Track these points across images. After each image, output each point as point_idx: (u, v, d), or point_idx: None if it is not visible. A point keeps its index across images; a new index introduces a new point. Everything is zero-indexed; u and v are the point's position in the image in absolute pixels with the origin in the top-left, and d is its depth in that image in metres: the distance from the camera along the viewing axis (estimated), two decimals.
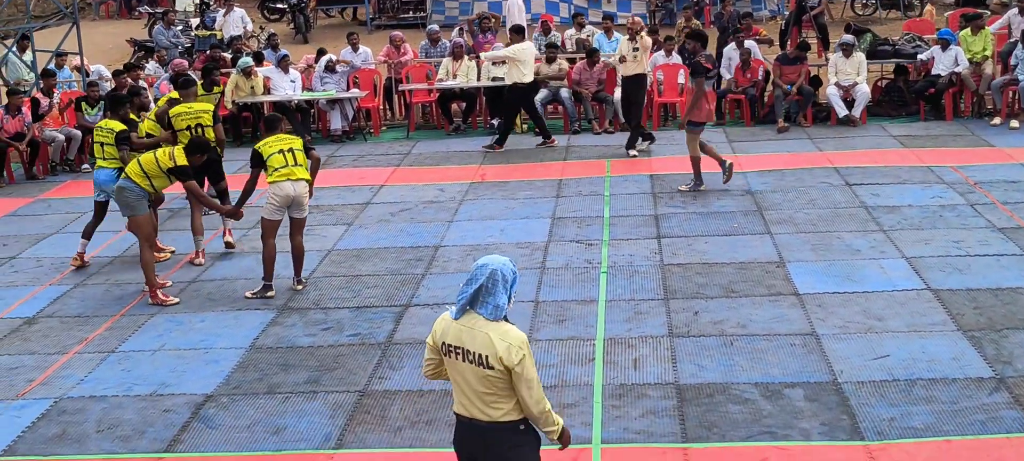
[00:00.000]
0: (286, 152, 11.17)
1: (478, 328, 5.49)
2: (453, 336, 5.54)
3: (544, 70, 19.52)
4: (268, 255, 11.28)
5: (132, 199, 11.35)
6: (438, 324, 5.66)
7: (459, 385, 5.59)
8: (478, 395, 5.53)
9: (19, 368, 9.85)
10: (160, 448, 8.16)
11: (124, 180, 11.47)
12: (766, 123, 18.94)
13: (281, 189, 11.06)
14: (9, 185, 17.42)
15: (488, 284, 5.50)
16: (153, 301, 11.27)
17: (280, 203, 11.12)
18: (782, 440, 7.78)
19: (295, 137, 11.59)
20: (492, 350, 5.45)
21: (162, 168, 11.40)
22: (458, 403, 5.65)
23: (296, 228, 11.35)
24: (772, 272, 11.31)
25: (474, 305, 5.53)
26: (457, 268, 11.94)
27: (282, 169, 11.09)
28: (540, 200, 14.61)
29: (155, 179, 11.45)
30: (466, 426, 5.64)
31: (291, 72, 19.87)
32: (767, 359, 9.14)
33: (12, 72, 20.67)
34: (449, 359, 5.59)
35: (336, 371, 9.39)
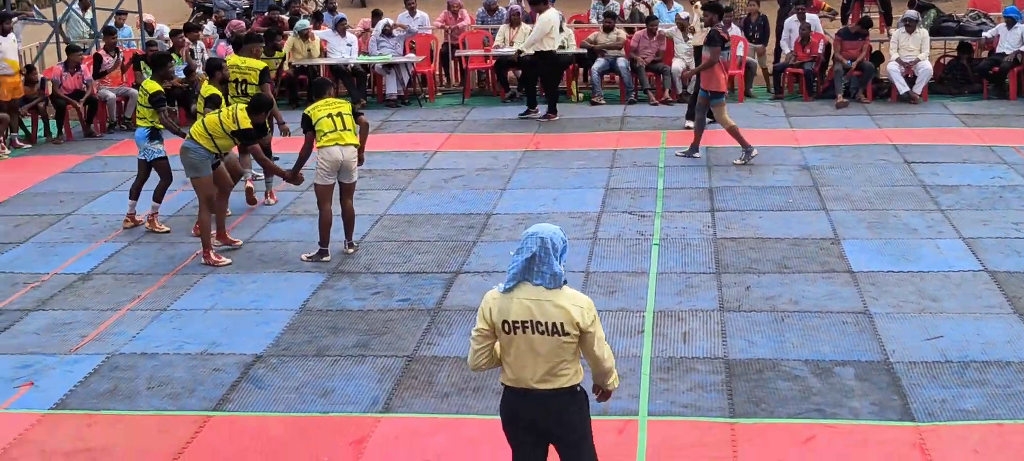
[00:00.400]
0: (335, 116, 11.13)
1: (544, 298, 5.48)
2: (517, 312, 5.50)
3: (601, 39, 19.44)
4: (324, 220, 11.29)
5: (196, 160, 11.37)
6: (489, 305, 5.58)
7: (522, 358, 5.55)
8: (546, 365, 5.53)
9: (73, 323, 9.95)
10: (209, 406, 8.21)
11: (188, 141, 11.48)
12: (825, 98, 18.75)
13: (330, 154, 11.06)
14: (67, 142, 17.58)
15: (541, 253, 5.49)
16: (206, 261, 11.32)
17: (330, 168, 11.11)
18: (830, 418, 7.71)
19: (344, 101, 11.55)
20: (567, 317, 5.48)
21: (226, 129, 11.38)
22: (514, 376, 5.61)
23: (346, 192, 11.36)
24: (826, 249, 11.21)
25: (528, 276, 5.50)
26: (508, 236, 11.92)
27: (331, 134, 11.06)
28: (594, 170, 14.55)
29: (219, 140, 11.43)
30: (522, 396, 5.63)
31: (348, 35, 19.90)
32: (818, 336, 9.06)
33: (73, 29, 20.84)
34: (512, 336, 5.53)
35: (385, 335, 9.41)
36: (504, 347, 5.61)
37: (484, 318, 5.59)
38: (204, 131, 11.40)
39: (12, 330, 9.84)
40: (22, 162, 16.35)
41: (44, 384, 8.71)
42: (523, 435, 5.75)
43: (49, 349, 9.38)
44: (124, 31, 20.82)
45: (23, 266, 11.57)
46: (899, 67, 18.40)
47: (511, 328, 5.52)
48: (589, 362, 5.71)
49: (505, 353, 5.62)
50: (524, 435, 5.75)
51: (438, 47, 20.91)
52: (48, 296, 10.67)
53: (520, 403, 5.66)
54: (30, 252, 12.04)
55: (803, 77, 19.05)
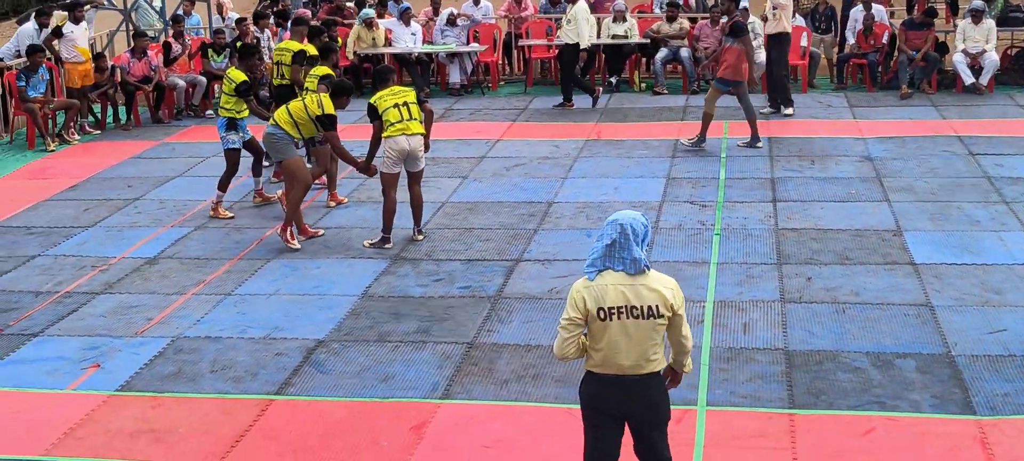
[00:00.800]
0: (401, 106, 11.16)
1: (638, 283, 5.53)
2: (612, 298, 5.52)
3: (664, 29, 19.40)
4: (388, 208, 11.36)
5: (280, 145, 11.49)
6: (581, 294, 5.56)
7: (615, 344, 5.56)
8: (640, 350, 5.57)
9: (139, 307, 10.11)
10: (271, 390, 8.32)
11: (272, 126, 11.58)
12: (889, 89, 18.59)
13: (396, 143, 11.11)
14: (136, 128, 17.82)
15: (620, 239, 5.53)
16: (281, 236, 11.47)
17: (396, 157, 11.18)
18: (891, 411, 7.67)
19: (408, 89, 11.60)
20: (661, 299, 5.55)
21: (310, 115, 11.43)
22: (606, 363, 5.61)
23: (413, 180, 11.45)
24: (888, 240, 11.14)
25: (609, 262, 5.54)
26: (569, 225, 11.95)
27: (397, 124, 11.11)
28: (655, 159, 14.54)
29: (303, 126, 11.50)
30: (612, 382, 5.64)
31: (412, 24, 20.00)
32: (879, 328, 9.02)
33: (142, 17, 21.11)
34: (607, 322, 5.54)
35: (446, 322, 9.48)
36: (595, 334, 5.60)
37: (576, 307, 5.58)
38: (288, 116, 11.49)
39: (80, 313, 10.02)
40: (91, 147, 16.60)
41: (110, 366, 8.86)
42: (606, 420, 5.76)
43: (116, 332, 9.55)
44: (193, 19, 21.06)
45: (91, 250, 11.76)
46: (965, 58, 18.19)
47: (607, 314, 5.54)
48: (672, 343, 5.77)
49: (595, 340, 5.61)
50: (607, 420, 5.76)
51: (501, 36, 20.96)
52: (115, 279, 10.84)
53: (610, 389, 5.67)
54: (98, 236, 12.24)
55: (866, 68, 18.90)
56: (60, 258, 11.52)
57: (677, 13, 19.64)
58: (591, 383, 5.74)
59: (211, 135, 16.69)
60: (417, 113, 11.28)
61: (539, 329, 9.24)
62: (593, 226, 11.84)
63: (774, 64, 17.07)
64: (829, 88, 19.08)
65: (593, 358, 5.67)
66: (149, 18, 21.17)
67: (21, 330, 9.65)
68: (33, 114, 16.27)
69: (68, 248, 11.83)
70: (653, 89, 19.13)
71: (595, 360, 5.66)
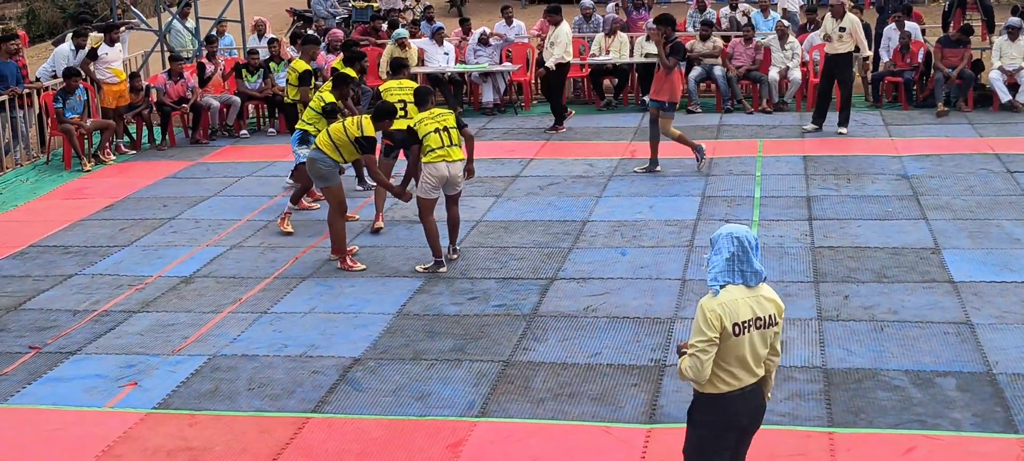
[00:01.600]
0: (442, 132, 11.04)
1: (759, 295, 5.55)
2: (745, 312, 5.49)
3: (698, 47, 19.36)
4: (430, 232, 11.22)
5: (324, 170, 11.40)
6: (715, 313, 5.45)
7: (742, 358, 5.52)
8: (758, 360, 5.58)
9: (175, 325, 10.15)
10: (308, 408, 8.32)
11: (314, 151, 11.54)
12: (925, 107, 18.49)
13: (437, 170, 11.01)
14: (171, 148, 17.92)
15: (739, 253, 5.51)
16: (342, 266, 11.42)
17: (436, 183, 11.09)
18: (932, 429, 7.60)
19: (448, 112, 11.38)
20: (777, 308, 5.61)
21: (350, 137, 11.29)
22: (731, 379, 5.54)
23: (452, 201, 11.41)
24: (926, 258, 11.05)
25: (730, 276, 5.51)
26: (604, 243, 11.92)
27: (438, 150, 11.00)
28: (690, 178, 14.50)
29: (343, 148, 11.37)
30: (739, 398, 5.59)
31: (445, 44, 20.04)
32: (919, 346, 8.94)
33: (176, 39, 21.24)
34: (741, 337, 5.49)
35: (481, 340, 9.47)
36: (724, 351, 5.50)
37: (712, 326, 5.45)
38: (329, 140, 11.40)
39: (117, 331, 10.06)
40: (127, 167, 16.70)
41: (148, 384, 8.89)
42: (732, 439, 5.70)
43: (153, 350, 9.58)
44: (225, 40, 21.17)
45: (128, 269, 11.82)
46: (1001, 75, 18.08)
47: (741, 329, 5.49)
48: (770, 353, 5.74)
49: (721, 357, 5.51)
50: (733, 439, 5.70)
51: (534, 55, 20.94)
52: (152, 298, 10.88)
53: (743, 405, 5.61)
54: (135, 255, 12.29)
55: (902, 86, 18.81)
56: (97, 277, 11.58)
57: (710, 31, 19.61)
58: (718, 405, 5.60)
59: (246, 155, 16.85)
60: (457, 138, 11.18)
61: (575, 347, 9.22)
62: (627, 245, 11.81)
63: (840, 83, 16.90)
64: (864, 106, 18.99)
65: (720, 377, 5.55)
66: (183, 39, 21.31)
67: (59, 348, 9.69)
68: (70, 135, 16.38)
69: (105, 267, 11.89)
70: (687, 108, 19.09)
71: (723, 378, 5.55)
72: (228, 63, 19.49)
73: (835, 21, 16.58)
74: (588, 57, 19.93)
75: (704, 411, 5.67)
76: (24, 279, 11.61)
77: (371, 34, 21.41)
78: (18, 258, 12.34)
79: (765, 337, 5.59)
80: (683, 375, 5.56)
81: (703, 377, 5.50)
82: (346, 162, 11.67)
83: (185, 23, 21.44)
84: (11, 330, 10.19)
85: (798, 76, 18.82)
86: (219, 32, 20.89)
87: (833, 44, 16.68)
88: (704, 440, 5.72)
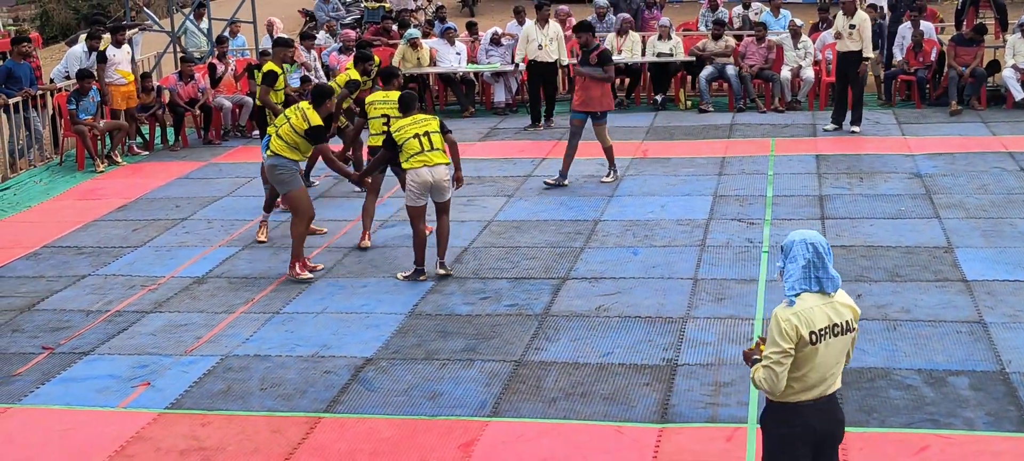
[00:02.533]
0: (421, 137, 10.78)
1: (836, 301, 5.49)
2: (822, 320, 5.43)
3: (710, 46, 19.35)
4: (419, 240, 11.06)
5: (284, 175, 11.16)
6: (791, 323, 5.38)
7: (817, 366, 5.46)
8: (836, 368, 5.53)
9: (188, 325, 10.17)
10: (320, 408, 8.33)
11: (272, 157, 11.20)
12: (938, 105, 18.45)
13: (419, 176, 10.76)
14: (184, 149, 17.95)
15: (815, 259, 5.45)
16: (289, 273, 11.21)
17: (420, 190, 10.84)
18: (945, 428, 7.58)
19: (432, 118, 11.10)
20: (854, 313, 5.55)
21: (299, 132, 11.02)
22: (812, 388, 5.48)
23: (441, 210, 11.07)
24: (939, 257, 11.03)
25: (806, 284, 5.45)
26: (616, 243, 11.92)
27: (417, 155, 10.75)
28: (702, 177, 14.48)
29: (300, 146, 11.13)
30: (813, 407, 5.51)
31: (456, 44, 20.04)
32: (931, 346, 8.92)
33: (190, 40, 21.29)
34: (817, 345, 5.42)
35: (493, 340, 9.47)
36: (799, 361, 5.44)
37: (787, 337, 5.38)
38: (283, 142, 11.09)
39: (130, 331, 10.08)
40: (139, 168, 16.74)
41: (160, 384, 8.90)
42: (808, 450, 5.60)
43: (165, 350, 9.60)
44: (237, 40, 21.21)
45: (141, 269, 11.84)
46: (1015, 74, 18.02)
47: (818, 338, 5.42)
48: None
49: (799, 367, 5.45)
50: (808, 450, 5.60)
51: None
52: (164, 298, 10.91)
53: (820, 415, 5.53)
54: (147, 255, 12.32)
55: (915, 84, 18.76)
56: (110, 277, 11.61)
57: (722, 31, 19.58)
58: (793, 414, 5.53)
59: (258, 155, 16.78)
60: (439, 142, 10.88)
61: (587, 347, 9.22)
62: (640, 244, 11.81)
63: (850, 82, 16.85)
64: (876, 105, 18.95)
65: (793, 387, 5.49)
66: (197, 40, 21.35)
67: (72, 349, 9.72)
68: (83, 136, 16.42)
69: (118, 267, 11.92)
70: (699, 107, 19.07)
71: (797, 389, 5.49)
72: (240, 64, 19.51)
73: (846, 18, 16.55)
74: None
75: (776, 420, 5.60)
76: (38, 279, 11.64)
77: (383, 34, 21.43)
78: (32, 259, 12.38)
79: (842, 345, 5.52)
80: (757, 385, 5.50)
81: (778, 389, 5.44)
82: (305, 159, 11.45)
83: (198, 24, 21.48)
84: (25, 330, 10.22)
85: (811, 75, 18.78)
86: (232, 33, 20.92)
87: (844, 41, 16.65)
88: (778, 450, 5.64)
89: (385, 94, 12.23)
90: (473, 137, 17.69)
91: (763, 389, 5.49)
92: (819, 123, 17.40)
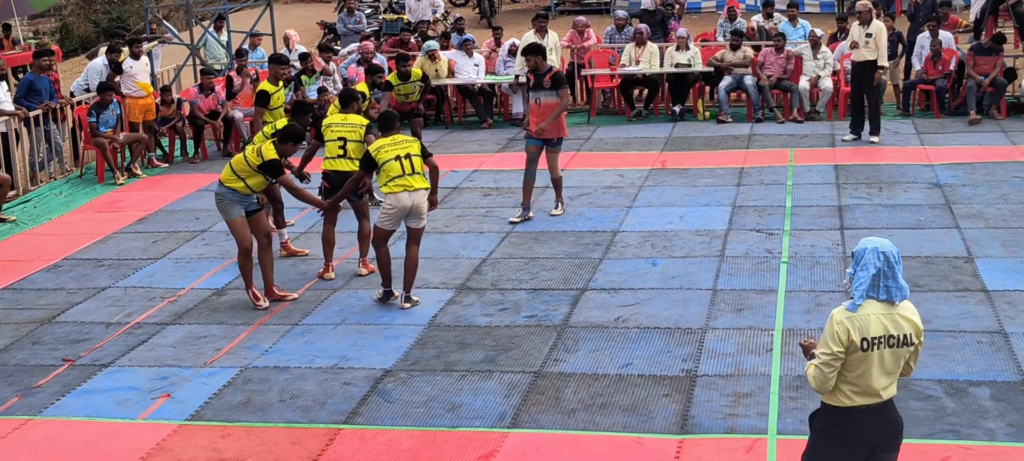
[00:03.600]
0: (403, 159, 10.38)
1: (896, 313, 5.50)
2: (875, 329, 5.45)
3: (728, 57, 19.33)
4: (383, 261, 10.68)
5: (226, 205, 10.77)
6: (844, 327, 5.44)
7: (871, 374, 5.48)
8: (889, 379, 5.54)
9: (208, 337, 10.19)
10: (339, 419, 8.34)
11: (218, 186, 10.86)
12: (957, 115, 18.39)
13: (398, 200, 10.35)
14: (203, 161, 18.01)
15: (886, 268, 5.48)
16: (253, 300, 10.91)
17: (397, 215, 10.44)
18: (966, 439, 7.56)
19: (412, 140, 10.68)
20: (914, 328, 5.55)
21: (252, 166, 10.63)
22: (856, 394, 5.51)
23: (412, 238, 10.67)
24: (959, 267, 10.99)
25: (874, 292, 5.48)
26: (635, 253, 11.91)
27: (398, 179, 10.34)
28: (721, 188, 14.47)
29: (249, 179, 10.69)
30: (864, 414, 5.54)
31: (475, 56, 20.08)
32: (952, 356, 8.89)
33: (210, 52, 21.38)
34: (868, 353, 5.45)
35: (512, 351, 9.47)
36: (850, 365, 5.49)
37: (839, 340, 5.45)
38: (231, 173, 10.74)
39: (150, 343, 10.11)
40: (159, 181, 16.80)
41: (180, 396, 8.93)
42: (855, 454, 5.63)
43: (185, 362, 9.62)
44: (257, 53, 21.28)
45: (160, 281, 11.88)
46: None
47: (870, 345, 5.46)
48: (903, 369, 5.68)
49: (849, 371, 5.50)
50: (856, 453, 5.63)
51: (564, 66, 20.95)
52: (184, 310, 10.94)
53: (869, 422, 5.57)
54: (167, 268, 12.36)
55: (933, 94, 18.72)
56: (130, 289, 11.65)
57: (740, 41, 19.56)
58: (842, 418, 5.58)
59: None
60: (420, 166, 10.48)
61: (606, 358, 9.21)
62: (658, 255, 11.80)
63: (866, 92, 16.81)
64: (895, 115, 18.90)
65: (843, 391, 5.54)
66: (217, 52, 21.43)
67: (92, 360, 9.76)
68: (103, 148, 16.50)
69: (137, 280, 11.96)
70: (717, 118, 19.05)
71: (847, 393, 5.53)
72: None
73: (862, 27, 16.52)
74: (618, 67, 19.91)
75: (825, 422, 5.66)
76: (58, 292, 11.69)
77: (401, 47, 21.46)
78: (52, 271, 12.43)
79: (898, 356, 5.53)
80: (810, 381, 5.59)
81: (825, 389, 5.53)
82: (254, 193, 10.90)
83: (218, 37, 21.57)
84: (45, 342, 10.27)
85: (829, 85, 18.75)
86: (252, 45, 20.99)
87: (859, 51, 16.62)
88: (824, 451, 5.68)
89: (343, 117, 11.92)
90: (491, 148, 17.72)
91: (813, 386, 5.58)
92: (838, 133, 17.37)
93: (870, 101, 16.81)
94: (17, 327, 10.69)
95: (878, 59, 16.57)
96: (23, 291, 11.79)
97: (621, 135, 18.35)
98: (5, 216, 14.78)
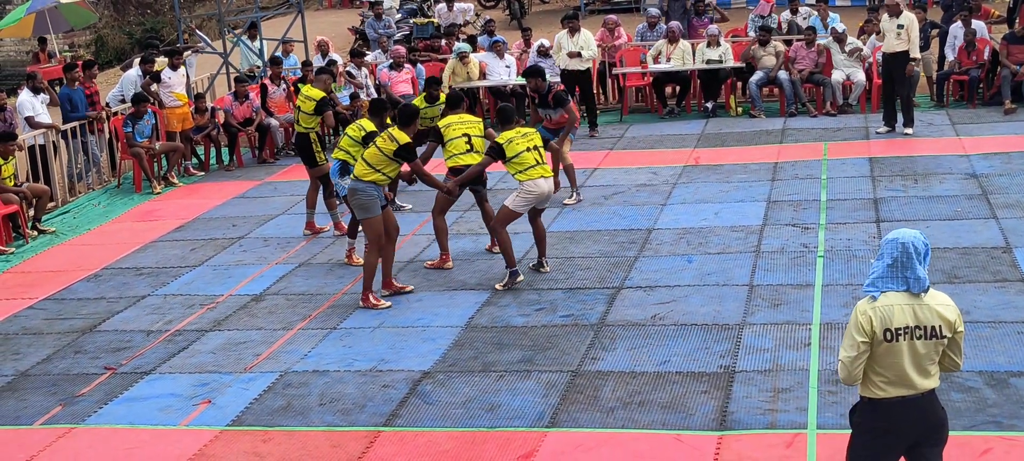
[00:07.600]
0: (533, 150, 11.19)
1: (923, 303, 5.50)
2: (899, 319, 5.47)
3: (760, 52, 19.26)
4: (508, 243, 11.26)
5: (366, 200, 10.86)
6: (867, 316, 5.49)
7: (899, 366, 5.50)
8: (920, 370, 5.52)
9: (247, 343, 10.26)
10: (379, 422, 8.39)
11: (355, 181, 10.97)
12: (992, 105, 18.27)
13: (537, 186, 11.12)
14: (239, 168, 18.11)
15: (903, 258, 5.48)
16: (364, 304, 10.98)
17: (533, 200, 11.21)
18: (1008, 430, 7.52)
19: (536, 132, 11.58)
20: (945, 320, 5.52)
21: (387, 153, 10.81)
22: (894, 386, 5.52)
23: (537, 212, 11.48)
24: (998, 257, 10.93)
25: (891, 282, 5.50)
26: (670, 251, 11.90)
27: (536, 167, 11.13)
28: (755, 183, 14.44)
29: (384, 167, 10.84)
30: (905, 405, 5.54)
31: (505, 57, 20.09)
32: (992, 347, 8.85)
33: (246, 59, 21.49)
34: (893, 343, 5.47)
35: (549, 351, 9.49)
36: (880, 357, 5.52)
37: (862, 331, 5.49)
38: (367, 167, 10.87)
39: (190, 350, 10.19)
40: (196, 189, 16.91)
41: (221, 401, 9.00)
42: (892, 446, 5.64)
43: (225, 368, 9.70)
44: (290, 60, 21.37)
45: (199, 288, 11.97)
46: None
47: (894, 336, 5.48)
48: (946, 363, 5.66)
49: (880, 363, 5.53)
50: (893, 445, 5.64)
51: (595, 65, 20.95)
52: (223, 317, 11.02)
53: (906, 414, 5.56)
54: (205, 275, 12.45)
55: (967, 84, 18.60)
56: (169, 297, 11.74)
57: (770, 37, 19.48)
58: (877, 409, 5.60)
59: None
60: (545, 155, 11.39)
61: (643, 356, 9.22)
62: (694, 252, 11.79)
63: (897, 84, 16.72)
64: (929, 106, 18.80)
65: (874, 382, 5.56)
66: (252, 59, 21.54)
67: (134, 368, 9.85)
68: (140, 158, 16.63)
69: (177, 287, 12.05)
70: (749, 113, 19.01)
71: (879, 385, 5.55)
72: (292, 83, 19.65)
73: (892, 19, 16.45)
74: (650, 65, 19.89)
75: (862, 415, 5.68)
76: (98, 301, 11.80)
77: (431, 49, 21.53)
78: (92, 280, 12.54)
79: (930, 348, 5.51)
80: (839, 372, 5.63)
81: (851, 380, 5.56)
82: (390, 181, 11.20)
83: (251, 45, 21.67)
84: (87, 351, 10.37)
85: (862, 78, 18.66)
86: (284, 52, 21.08)
87: (889, 42, 16.54)
88: (861, 444, 5.70)
89: (459, 116, 12.39)
90: None
91: (839, 377, 5.62)
92: (871, 126, 17.29)
93: (901, 93, 16.70)
94: (59, 337, 10.80)
95: (910, 50, 16.48)
96: (64, 301, 11.91)
97: (654, 133, 18.34)
98: (45, 227, 14.93)
